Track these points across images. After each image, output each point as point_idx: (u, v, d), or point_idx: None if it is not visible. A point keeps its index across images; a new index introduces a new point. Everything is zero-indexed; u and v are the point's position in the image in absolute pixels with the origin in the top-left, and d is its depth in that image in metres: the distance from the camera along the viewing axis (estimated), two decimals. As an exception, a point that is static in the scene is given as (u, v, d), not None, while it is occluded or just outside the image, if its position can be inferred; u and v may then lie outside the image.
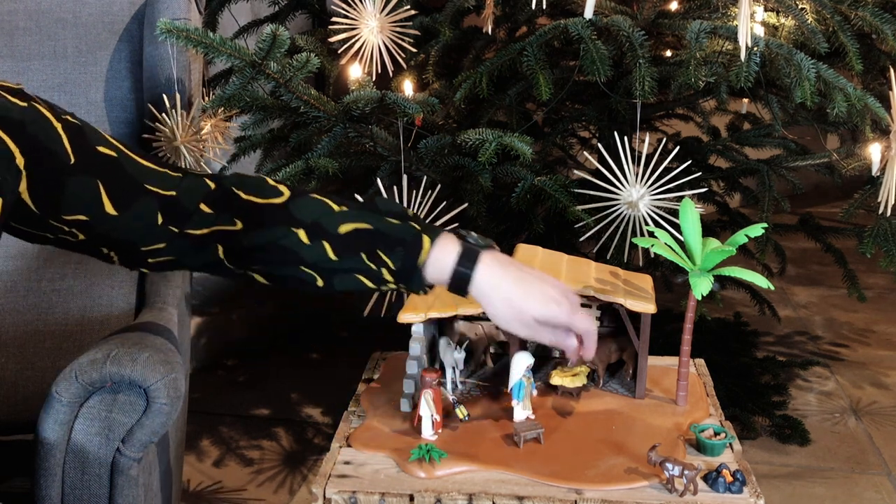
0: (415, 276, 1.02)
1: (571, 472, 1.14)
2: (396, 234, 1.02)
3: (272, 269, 1.03)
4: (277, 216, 1.01)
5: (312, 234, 1.00)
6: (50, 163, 0.91)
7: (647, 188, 1.53)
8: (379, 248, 1.01)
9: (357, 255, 1.01)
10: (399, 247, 1.01)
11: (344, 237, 1.01)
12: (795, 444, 2.11)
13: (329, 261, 1.01)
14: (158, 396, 1.10)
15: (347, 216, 1.02)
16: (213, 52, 1.41)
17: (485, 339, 1.40)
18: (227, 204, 1.01)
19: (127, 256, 1.01)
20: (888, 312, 2.97)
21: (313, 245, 1.00)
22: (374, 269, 1.02)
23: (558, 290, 1.06)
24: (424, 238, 1.01)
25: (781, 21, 1.63)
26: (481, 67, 1.63)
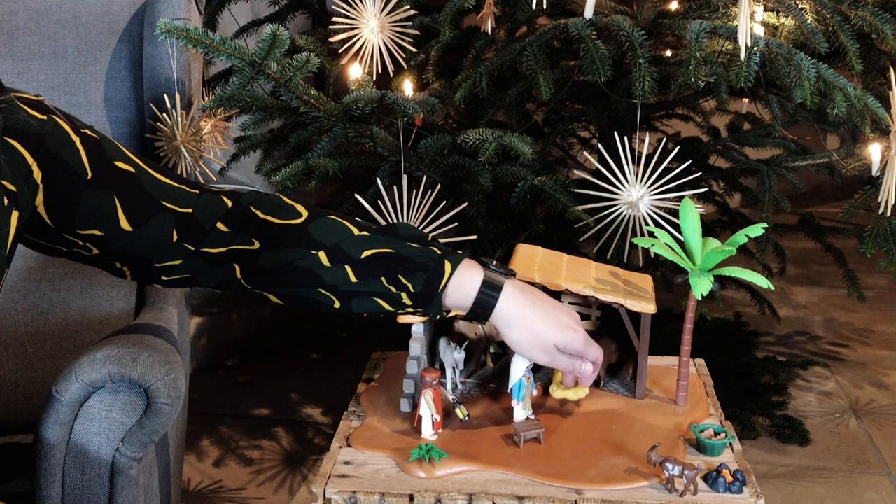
0: (434, 301, 1.04)
1: (571, 472, 1.14)
2: (418, 258, 1.02)
3: (290, 290, 1.04)
4: (296, 237, 1.01)
5: (333, 257, 1.01)
6: (67, 177, 0.91)
7: (647, 188, 1.53)
8: (400, 272, 1.02)
9: (377, 278, 1.02)
10: (420, 271, 1.02)
11: (364, 261, 1.01)
12: (795, 444, 2.11)
13: (349, 283, 1.02)
14: (158, 396, 1.10)
15: (369, 241, 1.03)
16: (213, 52, 1.41)
17: (485, 339, 1.40)
18: (244, 223, 1.01)
19: (140, 272, 1.01)
20: (888, 312, 2.97)
21: (334, 268, 1.01)
22: (394, 292, 1.03)
23: (572, 318, 1.10)
24: (446, 263, 1.03)
25: (781, 21, 1.63)
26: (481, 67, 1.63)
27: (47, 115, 0.91)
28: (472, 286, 1.04)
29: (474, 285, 1.04)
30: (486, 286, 1.04)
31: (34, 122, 0.89)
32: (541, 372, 1.43)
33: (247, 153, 2.01)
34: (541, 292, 1.10)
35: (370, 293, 1.03)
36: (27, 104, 0.90)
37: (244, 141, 1.97)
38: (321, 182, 1.72)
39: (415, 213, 1.57)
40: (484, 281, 1.04)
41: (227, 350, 2.65)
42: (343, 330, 2.83)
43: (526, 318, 1.06)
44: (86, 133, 0.94)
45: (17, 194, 0.86)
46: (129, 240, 0.96)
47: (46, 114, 0.91)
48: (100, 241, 0.95)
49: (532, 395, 1.24)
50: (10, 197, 0.85)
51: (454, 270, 1.03)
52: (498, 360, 1.46)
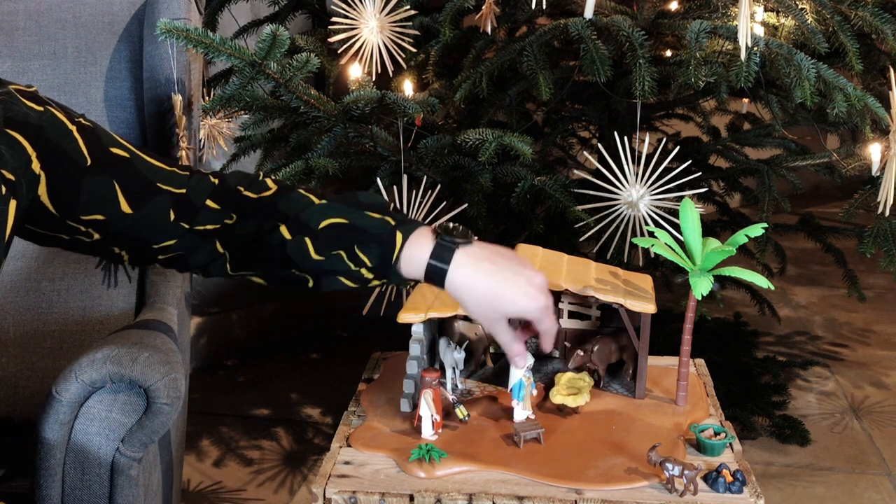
0: (391, 273, 1.02)
1: (571, 472, 1.14)
2: (372, 229, 1.02)
3: (267, 270, 1.04)
4: (265, 209, 1.03)
5: (294, 228, 1.01)
6: (67, 165, 0.93)
7: (647, 188, 1.53)
8: (355, 244, 1.01)
9: (337, 253, 1.01)
10: (373, 243, 1.01)
11: (322, 232, 1.01)
12: (795, 444, 2.11)
13: (312, 260, 1.02)
14: (158, 396, 1.10)
15: (326, 210, 1.03)
16: (213, 52, 1.41)
17: (485, 339, 1.40)
18: (229, 199, 1.03)
19: (138, 254, 1.03)
20: (888, 312, 2.97)
21: (294, 240, 1.01)
22: (354, 269, 1.02)
23: (534, 284, 1.04)
24: (398, 234, 1.01)
25: (781, 21, 1.63)
26: (481, 67, 1.63)
27: (43, 105, 0.93)
28: (423, 256, 1.01)
29: (424, 256, 1.01)
30: (435, 257, 1.01)
31: (32, 114, 0.91)
32: (540, 372, 1.43)
33: (247, 153, 2.01)
34: (500, 254, 1.05)
35: (334, 271, 1.03)
36: (23, 95, 0.92)
37: (244, 141, 1.97)
38: (321, 182, 1.72)
39: (415, 213, 1.57)
40: (433, 251, 1.01)
41: (227, 350, 2.65)
42: (343, 330, 2.83)
43: (477, 288, 1.01)
44: (80, 122, 0.96)
45: (15, 184, 0.88)
46: (129, 222, 0.98)
47: (42, 104, 0.93)
48: (101, 226, 0.97)
49: (532, 395, 1.24)
50: (8, 186, 0.87)
51: (405, 241, 1.01)
52: (498, 360, 1.46)
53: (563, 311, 1.41)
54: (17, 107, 0.90)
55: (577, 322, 1.41)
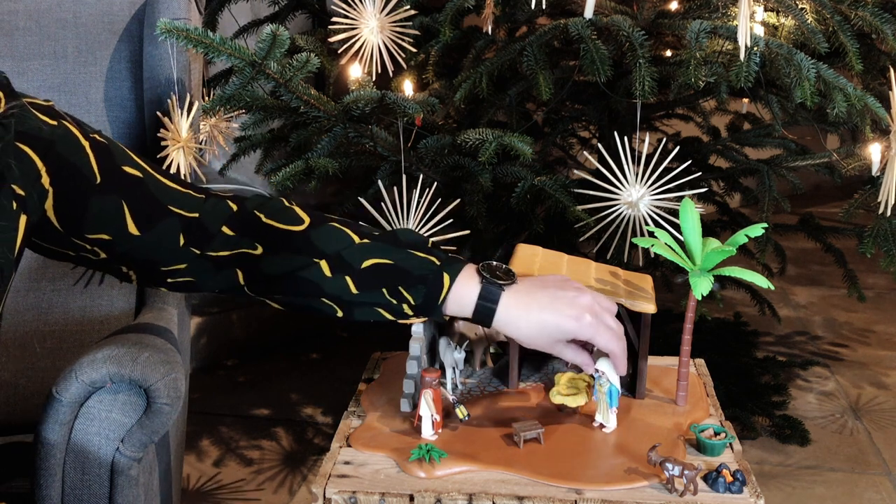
0: (435, 312, 1.05)
1: (571, 472, 1.14)
2: (417, 270, 1.03)
3: (293, 298, 1.05)
4: (298, 244, 1.02)
5: (335, 266, 1.02)
6: (76, 182, 0.92)
7: (647, 188, 1.53)
8: (400, 285, 1.03)
9: (378, 290, 1.03)
10: (420, 284, 1.03)
11: (365, 272, 1.02)
12: (795, 444, 2.11)
13: (350, 293, 1.03)
14: (158, 396, 1.10)
15: (369, 250, 1.03)
16: (213, 52, 1.41)
17: (485, 339, 1.40)
18: (248, 227, 1.02)
19: (146, 276, 1.02)
20: (888, 312, 2.98)
21: (335, 278, 1.02)
22: (395, 304, 1.04)
23: (577, 305, 1.07)
24: (445, 276, 1.04)
25: (781, 21, 1.63)
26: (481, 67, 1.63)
27: (57, 120, 0.92)
28: (470, 298, 1.05)
29: (472, 297, 1.05)
30: (483, 298, 1.05)
31: (45, 128, 0.90)
32: (540, 372, 1.43)
33: (247, 153, 2.01)
34: (542, 285, 1.09)
35: (371, 304, 1.04)
36: (38, 109, 0.91)
37: (244, 141, 1.97)
38: (321, 182, 1.72)
39: (415, 213, 1.57)
40: (480, 293, 1.05)
41: (227, 350, 2.65)
42: (343, 330, 2.83)
43: (528, 320, 1.06)
44: (95, 138, 0.95)
45: (25, 199, 0.87)
46: (136, 244, 0.97)
47: (57, 119, 0.92)
48: (107, 245, 0.96)
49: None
50: (19, 201, 0.86)
51: (452, 282, 1.04)
52: (498, 359, 1.46)
53: (563, 311, 1.40)
54: (29, 121, 0.89)
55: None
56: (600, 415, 1.24)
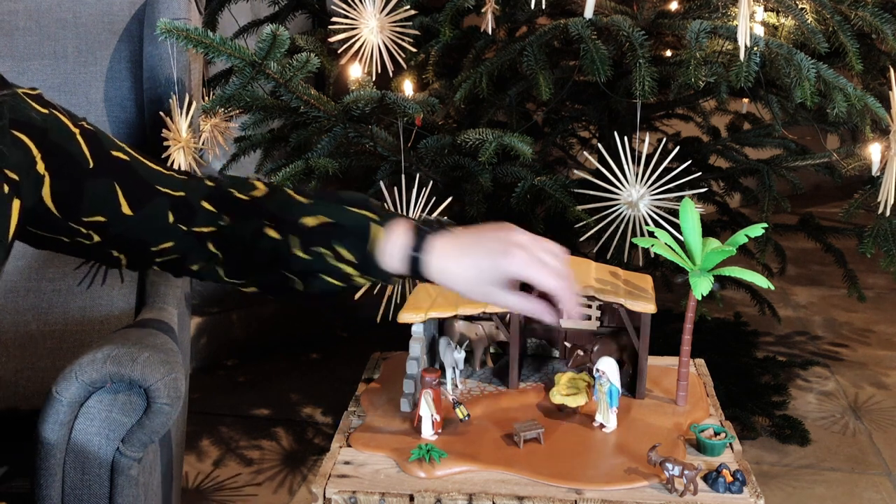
0: (373, 267, 1.01)
1: (571, 472, 1.14)
2: (353, 225, 1.01)
3: (258, 273, 1.05)
4: (254, 210, 1.04)
5: (281, 228, 1.02)
6: (71, 167, 0.95)
7: (647, 188, 1.53)
8: (338, 241, 1.01)
9: (322, 251, 1.02)
10: (355, 238, 1.01)
11: (306, 230, 1.02)
12: (795, 444, 2.11)
13: (300, 261, 1.02)
14: (158, 396, 1.10)
15: (310, 208, 1.03)
16: (213, 52, 1.41)
17: (485, 339, 1.40)
18: (223, 202, 1.04)
19: (136, 257, 1.04)
20: (888, 312, 2.97)
21: (283, 241, 1.02)
22: (337, 265, 1.02)
23: (512, 242, 0.99)
24: (379, 228, 1.01)
25: (781, 21, 1.63)
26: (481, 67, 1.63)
27: (48, 108, 0.96)
28: (402, 248, 1.00)
29: (403, 247, 1.00)
30: (414, 248, 0.99)
31: (37, 115, 0.93)
32: (540, 372, 1.43)
33: (247, 153, 2.01)
34: (477, 231, 1.01)
35: (320, 271, 1.03)
36: (29, 98, 0.95)
37: (244, 141, 1.96)
38: (321, 182, 1.72)
39: (415, 213, 1.57)
40: (412, 238, 1.00)
41: (227, 350, 2.65)
42: (343, 330, 2.83)
43: (459, 266, 0.99)
44: (83, 125, 0.99)
45: (18, 183, 0.89)
46: (129, 224, 0.99)
47: (47, 107, 0.96)
48: (102, 228, 0.98)
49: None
50: (11, 185, 0.88)
51: (385, 232, 1.00)
52: (498, 359, 1.46)
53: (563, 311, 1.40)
54: (22, 109, 0.92)
55: (577, 322, 1.41)
56: (600, 415, 1.24)
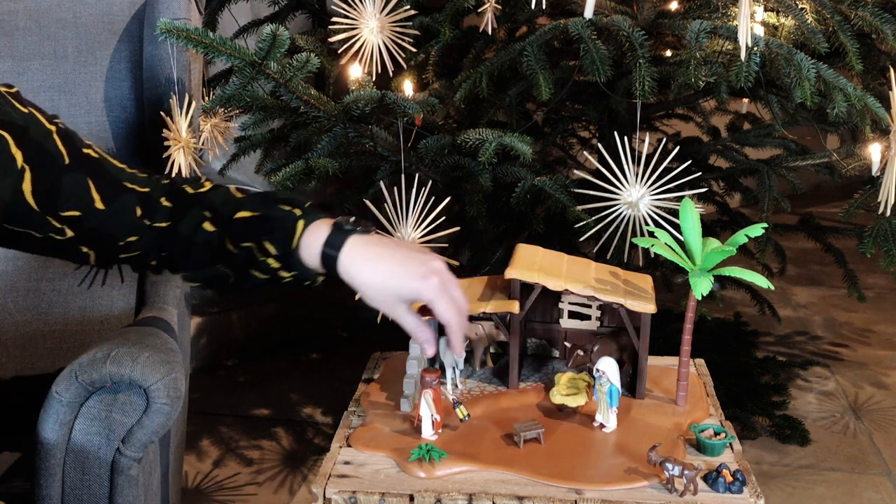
0: (293, 262, 1.02)
1: (571, 472, 1.14)
2: (278, 219, 1.03)
3: (198, 267, 1.08)
4: (196, 202, 1.07)
5: (215, 221, 1.05)
6: (49, 164, 0.99)
7: (647, 188, 1.53)
8: (263, 235, 1.03)
9: (249, 246, 1.03)
10: (278, 232, 1.02)
11: (236, 223, 1.04)
12: (795, 444, 2.11)
13: (230, 254, 1.04)
14: (158, 396, 1.10)
15: (241, 203, 1.06)
16: (213, 52, 1.41)
17: (485, 339, 1.40)
18: (176, 197, 1.08)
19: (103, 253, 1.07)
20: (888, 312, 2.97)
21: (216, 233, 1.04)
22: (262, 259, 1.03)
23: (427, 266, 1.02)
24: (300, 223, 1.02)
25: (781, 21, 1.63)
26: (481, 67, 1.63)
27: (26, 107, 1.00)
28: (318, 242, 1.01)
29: (320, 241, 1.01)
30: (329, 244, 1.01)
31: (18, 115, 0.97)
32: (540, 372, 1.43)
33: (247, 153, 2.01)
34: (395, 243, 1.04)
35: (248, 264, 1.04)
36: (8, 96, 0.98)
37: (244, 141, 1.96)
38: (321, 182, 1.72)
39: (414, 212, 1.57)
40: (327, 238, 1.01)
41: (227, 350, 2.65)
42: (343, 330, 2.83)
43: (373, 271, 1.01)
44: (57, 123, 1.03)
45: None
46: (102, 218, 1.03)
47: (26, 106, 1.00)
48: (77, 222, 1.02)
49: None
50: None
51: (306, 228, 1.01)
52: (498, 359, 1.46)
53: (563, 311, 1.41)
54: (4, 107, 0.96)
55: (577, 322, 1.41)
56: (600, 415, 1.24)
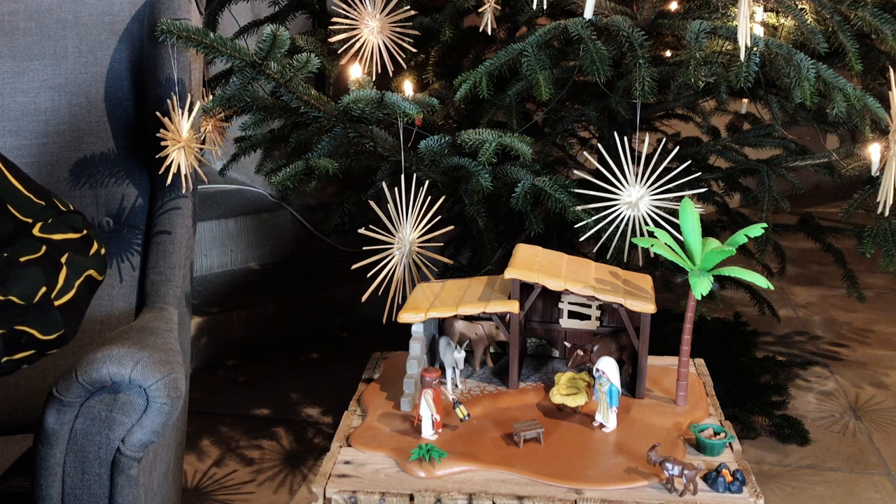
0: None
1: (571, 471, 1.14)
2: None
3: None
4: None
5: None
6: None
7: (646, 188, 1.53)
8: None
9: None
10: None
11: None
12: (795, 444, 2.11)
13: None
14: (158, 396, 1.10)
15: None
16: (213, 52, 1.41)
17: (485, 339, 1.40)
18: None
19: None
20: (888, 312, 2.97)
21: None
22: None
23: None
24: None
25: (781, 21, 1.63)
26: (481, 67, 1.63)
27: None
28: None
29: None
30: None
31: None
32: (540, 372, 1.43)
33: (247, 153, 2.01)
34: None
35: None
36: None
37: (244, 141, 1.96)
38: (321, 182, 1.72)
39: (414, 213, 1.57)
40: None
41: (227, 350, 2.65)
42: (343, 330, 2.83)
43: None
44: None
45: None
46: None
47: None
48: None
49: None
50: None
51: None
52: (498, 360, 1.46)
53: (563, 310, 1.41)
54: None
55: (577, 322, 1.41)
56: (600, 414, 1.24)
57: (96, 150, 1.50)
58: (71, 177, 1.49)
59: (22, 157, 1.47)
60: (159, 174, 1.45)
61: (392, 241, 1.54)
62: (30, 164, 1.47)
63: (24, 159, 1.47)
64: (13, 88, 1.48)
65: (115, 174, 1.50)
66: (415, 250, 1.56)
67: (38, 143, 1.48)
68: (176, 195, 1.47)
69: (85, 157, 1.49)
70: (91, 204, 1.49)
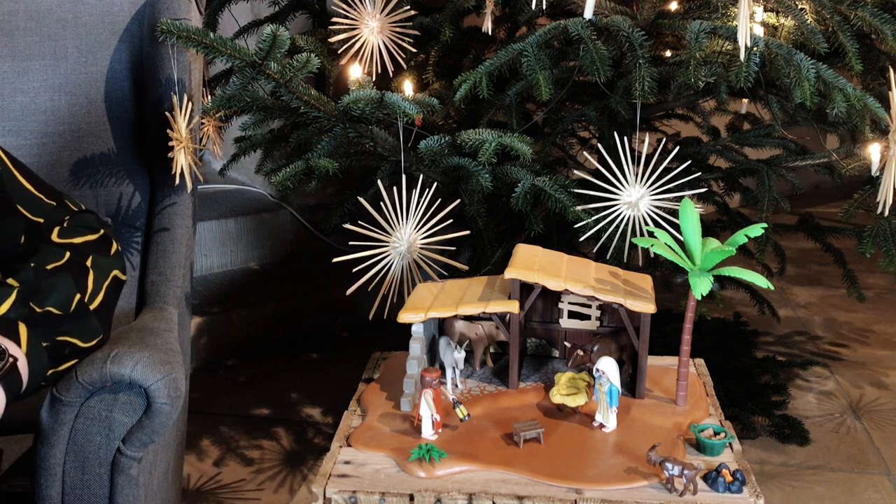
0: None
1: (571, 471, 1.14)
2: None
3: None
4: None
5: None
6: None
7: (646, 188, 1.53)
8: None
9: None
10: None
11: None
12: (795, 444, 2.11)
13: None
14: (158, 396, 1.10)
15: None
16: (213, 52, 1.41)
17: (485, 339, 1.40)
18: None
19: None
20: (888, 312, 2.98)
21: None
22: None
23: None
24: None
25: (781, 21, 1.63)
26: (481, 67, 1.63)
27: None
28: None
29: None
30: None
31: None
32: (540, 372, 1.43)
33: (247, 153, 2.01)
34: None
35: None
36: None
37: (244, 141, 1.96)
38: (321, 182, 1.72)
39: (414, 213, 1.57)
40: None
41: (227, 350, 2.65)
42: (343, 330, 2.83)
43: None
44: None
45: None
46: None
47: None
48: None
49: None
50: None
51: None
52: (498, 360, 1.46)
53: (563, 310, 1.41)
54: None
55: (577, 322, 1.41)
56: (600, 414, 1.24)
57: (96, 150, 1.50)
58: (71, 177, 1.49)
59: (22, 157, 1.47)
60: (159, 174, 1.45)
61: (387, 239, 1.54)
62: (30, 164, 1.47)
63: (24, 159, 1.47)
64: (13, 88, 1.48)
65: (115, 174, 1.50)
66: (416, 251, 1.56)
67: (38, 143, 1.48)
68: (176, 195, 1.47)
69: (85, 157, 1.49)
70: (91, 204, 1.49)
